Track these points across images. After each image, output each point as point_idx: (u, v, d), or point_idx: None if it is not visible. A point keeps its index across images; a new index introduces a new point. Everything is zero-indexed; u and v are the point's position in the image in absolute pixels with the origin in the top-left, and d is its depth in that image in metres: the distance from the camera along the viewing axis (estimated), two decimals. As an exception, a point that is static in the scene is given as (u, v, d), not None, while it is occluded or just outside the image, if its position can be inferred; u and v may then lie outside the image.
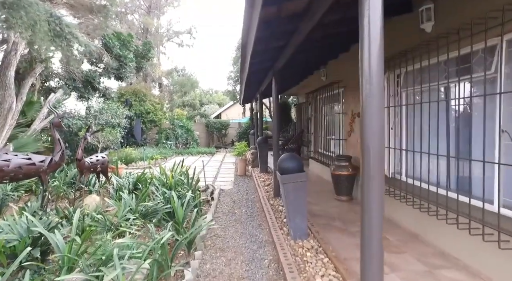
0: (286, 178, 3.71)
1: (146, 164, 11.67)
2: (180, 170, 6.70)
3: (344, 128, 6.79)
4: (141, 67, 12.38)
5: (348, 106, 6.49)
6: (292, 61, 6.45)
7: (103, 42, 10.25)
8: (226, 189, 7.53)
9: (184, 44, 27.19)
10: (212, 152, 15.83)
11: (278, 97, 5.88)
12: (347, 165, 5.86)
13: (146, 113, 15.67)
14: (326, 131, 8.29)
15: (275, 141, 6.10)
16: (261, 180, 7.81)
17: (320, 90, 8.33)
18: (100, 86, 10.52)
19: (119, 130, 8.42)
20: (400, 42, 4.39)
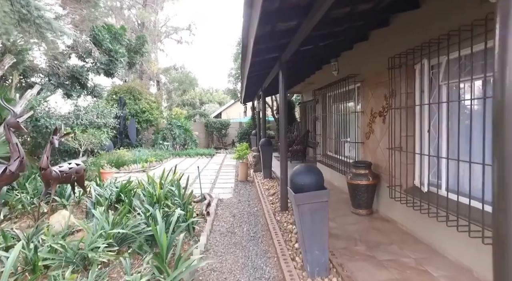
0: (301, 197, 2.82)
1: (140, 168, 10.79)
2: (172, 177, 5.82)
3: (361, 130, 5.90)
4: (134, 63, 11.51)
5: (366, 104, 5.59)
6: (300, 53, 5.58)
7: (91, 35, 9.37)
8: (225, 198, 6.64)
9: (183, 41, 26.32)
10: (211, 153, 14.95)
11: (286, 93, 5.00)
12: (367, 173, 4.97)
13: (142, 112, 14.78)
14: (337, 133, 7.39)
15: (283, 145, 5.21)
16: (265, 188, 6.92)
17: (331, 86, 7.43)
18: (88, 83, 9.64)
19: (106, 130, 7.54)
20: (444, 18, 3.47)
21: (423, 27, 3.88)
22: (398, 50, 4.23)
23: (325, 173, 8.52)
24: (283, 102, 5.02)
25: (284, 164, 5.12)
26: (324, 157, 8.54)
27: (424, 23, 3.87)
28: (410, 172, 4.24)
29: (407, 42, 4.11)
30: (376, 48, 5.16)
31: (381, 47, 4.93)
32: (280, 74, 5.01)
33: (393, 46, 4.47)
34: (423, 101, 4.04)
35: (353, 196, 5.13)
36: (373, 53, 5.27)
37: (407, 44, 4.09)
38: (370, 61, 5.41)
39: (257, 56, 4.86)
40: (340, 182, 6.92)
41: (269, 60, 5.61)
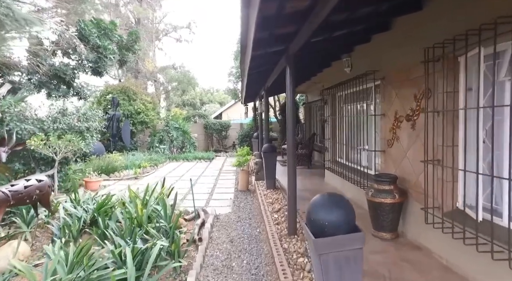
0: (324, 244, 1.95)
1: (132, 174, 9.96)
2: (160, 192, 4.96)
3: (381, 136, 5.03)
4: (126, 61, 10.67)
5: (389, 106, 4.72)
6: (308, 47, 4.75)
7: (77, 30, 8.54)
8: (223, 213, 5.79)
9: (182, 40, 25.48)
10: (210, 157, 14.09)
11: (294, 91, 4.14)
12: (392, 189, 4.10)
13: (136, 114, 13.96)
14: (350, 138, 6.53)
15: (290, 152, 4.33)
16: (268, 202, 6.06)
17: (342, 85, 6.57)
18: (75, 82, 8.82)
19: (90, 135, 6.69)
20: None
21: (472, 8, 3.01)
22: (434, 39, 3.36)
23: (335, 182, 7.68)
24: (291, 101, 4.16)
25: (292, 176, 4.26)
26: (334, 164, 7.68)
27: (473, 4, 3.01)
28: (451, 191, 3.38)
29: (447, 29, 3.24)
30: (402, 39, 4.29)
31: (410, 37, 4.06)
32: (287, 69, 4.15)
33: (427, 35, 3.61)
34: (471, 103, 3.17)
35: (375, 216, 4.26)
36: (399, 44, 4.40)
37: (447, 31, 3.22)
38: (394, 54, 4.55)
39: (259, 48, 4.01)
40: (354, 194, 6.07)
41: (273, 54, 4.76)
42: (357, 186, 5.60)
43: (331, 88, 7.52)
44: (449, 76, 3.32)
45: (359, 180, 5.59)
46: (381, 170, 5.00)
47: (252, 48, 3.75)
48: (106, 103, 13.59)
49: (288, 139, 4.24)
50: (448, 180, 3.41)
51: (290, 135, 4.22)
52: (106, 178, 9.38)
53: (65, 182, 6.87)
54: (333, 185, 7.57)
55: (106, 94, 13.81)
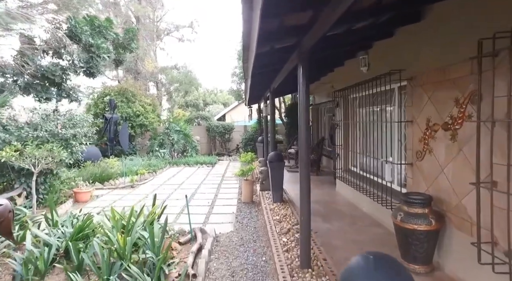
0: None
1: (128, 182, 9.30)
2: (151, 212, 4.27)
3: (408, 146, 4.29)
4: (121, 60, 10.02)
5: (418, 111, 3.99)
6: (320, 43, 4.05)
7: (68, 27, 7.90)
8: (224, 233, 5.09)
9: (185, 39, 24.85)
10: (212, 162, 13.40)
11: (308, 92, 3.43)
12: (427, 213, 3.37)
13: (135, 116, 13.32)
14: (365, 145, 5.81)
15: (304, 167, 3.60)
16: (275, 219, 5.35)
17: (357, 86, 5.85)
18: (66, 84, 8.17)
19: (78, 143, 6.04)
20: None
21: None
22: (489, 28, 2.63)
23: (348, 193, 6.88)
24: (304, 105, 3.45)
25: (305, 198, 3.54)
26: (346, 173, 6.96)
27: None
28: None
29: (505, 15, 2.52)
30: (439, 30, 3.56)
31: (452, 27, 3.33)
32: (299, 68, 3.45)
33: (480, 23, 2.88)
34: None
35: (405, 245, 3.53)
36: (433, 38, 3.67)
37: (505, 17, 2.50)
38: (426, 50, 3.82)
39: (265, 43, 3.32)
40: (371, 209, 5.35)
41: (282, 51, 4.06)
42: (376, 200, 4.88)
43: (344, 90, 6.81)
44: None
45: (378, 194, 4.86)
46: (409, 186, 4.27)
47: (257, 43, 3.05)
48: (103, 105, 12.97)
49: (301, 151, 3.53)
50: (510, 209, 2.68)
51: (303, 145, 3.50)
52: (99, 187, 8.73)
53: (52, 193, 6.22)
54: (345, 196, 6.85)
55: (104, 96, 13.19)
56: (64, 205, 6.50)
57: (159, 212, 4.36)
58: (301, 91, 3.45)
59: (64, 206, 6.47)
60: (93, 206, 6.87)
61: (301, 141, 3.48)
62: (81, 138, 6.11)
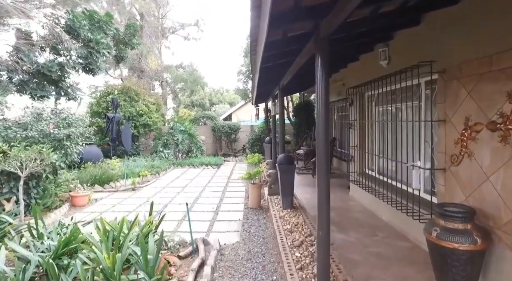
0: None
1: (129, 184, 8.87)
2: (147, 222, 3.79)
3: (440, 148, 3.74)
4: (122, 57, 9.60)
5: (453, 109, 3.44)
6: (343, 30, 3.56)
7: (65, 22, 7.50)
8: (229, 244, 4.60)
9: (190, 38, 24.47)
10: (218, 163, 12.93)
11: (327, 87, 2.90)
12: (469, 229, 2.83)
13: (139, 116, 12.92)
14: (385, 147, 5.26)
15: (323, 165, 3.04)
16: (286, 228, 4.83)
17: (374, 82, 5.30)
18: (64, 82, 7.77)
19: (73, 144, 5.61)
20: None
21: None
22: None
23: (363, 198, 6.26)
24: (323, 100, 2.90)
25: (323, 203, 3.00)
26: (362, 176, 6.41)
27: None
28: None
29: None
30: (483, 13, 3.02)
31: (503, 5, 2.79)
32: (317, 58, 2.93)
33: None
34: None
35: (442, 266, 2.99)
36: (474, 22, 3.13)
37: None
38: (466, 37, 3.27)
39: (276, 30, 2.83)
40: (393, 219, 4.82)
41: (296, 40, 3.56)
42: (399, 209, 4.34)
43: (359, 87, 6.25)
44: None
45: (402, 202, 4.31)
46: (440, 195, 3.72)
47: (268, 28, 2.54)
48: (106, 104, 12.60)
49: (319, 154, 3.00)
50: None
51: (322, 148, 2.97)
52: (99, 190, 8.32)
53: (45, 198, 5.80)
54: (361, 201, 6.32)
55: (106, 95, 12.82)
56: (59, 210, 6.08)
57: (157, 222, 3.88)
58: (319, 86, 2.93)
59: (59, 211, 6.05)
60: (90, 211, 6.45)
61: (320, 143, 2.96)
62: (77, 138, 5.68)
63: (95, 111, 12.64)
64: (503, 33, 2.75)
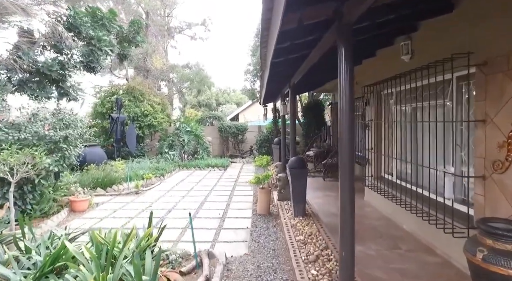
0: None
1: (133, 187, 8.53)
2: (146, 234, 3.39)
3: (478, 153, 3.27)
4: (126, 55, 9.28)
5: (496, 107, 2.97)
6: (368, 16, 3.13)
7: (66, 19, 7.18)
8: (236, 256, 4.20)
9: (197, 37, 24.18)
10: (224, 165, 12.55)
11: (352, 79, 2.46)
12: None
13: (143, 116, 12.61)
14: (406, 150, 4.80)
15: (346, 174, 2.62)
16: (299, 240, 4.40)
17: (394, 79, 4.84)
18: (66, 81, 7.46)
19: (72, 146, 5.27)
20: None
21: None
22: None
23: (380, 205, 5.65)
24: (347, 96, 2.48)
25: (347, 218, 2.58)
26: (379, 181, 5.95)
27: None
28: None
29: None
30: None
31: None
32: (340, 48, 2.50)
33: None
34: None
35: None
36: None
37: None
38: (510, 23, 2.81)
39: (291, 16, 2.41)
40: (417, 229, 4.37)
41: (311, 29, 3.14)
42: (425, 219, 3.87)
43: (376, 85, 5.79)
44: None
45: (425, 209, 3.85)
46: (478, 206, 3.25)
47: (283, 14, 2.13)
48: (110, 104, 12.32)
49: (342, 159, 2.57)
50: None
51: (345, 153, 2.54)
52: (101, 193, 7.99)
53: (42, 203, 5.47)
54: (377, 208, 5.87)
55: (111, 95, 12.54)
56: (57, 216, 5.74)
57: (156, 235, 3.48)
58: (343, 80, 2.50)
59: (56, 217, 5.71)
60: (90, 217, 6.10)
61: (343, 147, 2.53)
62: (75, 140, 5.33)
63: (99, 112, 12.37)
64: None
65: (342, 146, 2.56)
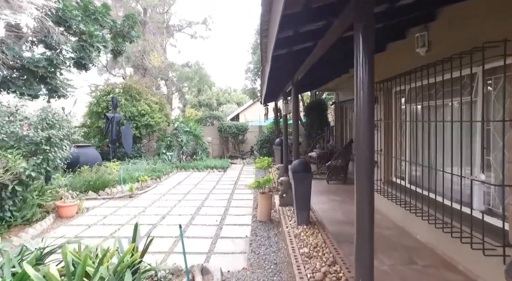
0: None
1: (127, 190, 8.10)
2: (129, 251, 2.96)
3: (509, 157, 2.83)
4: (120, 51, 8.84)
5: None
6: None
7: (55, 11, 6.76)
8: (234, 272, 3.76)
9: (197, 36, 23.76)
10: (224, 166, 12.12)
11: (371, 67, 2.03)
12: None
13: (140, 116, 12.19)
14: (418, 152, 4.36)
15: (365, 184, 2.18)
16: (304, 253, 3.96)
17: (407, 75, 4.41)
18: (55, 78, 7.04)
19: (56, 148, 4.84)
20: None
21: None
22: None
23: (390, 212, 5.00)
24: (367, 87, 2.04)
25: (365, 241, 2.15)
26: (389, 185, 5.50)
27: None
28: None
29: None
30: None
31: None
32: (357, 31, 2.06)
33: None
34: None
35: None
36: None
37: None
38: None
39: None
40: (436, 241, 3.94)
41: (318, 13, 2.71)
42: (447, 231, 3.44)
43: (386, 82, 5.35)
44: None
45: (451, 222, 3.41)
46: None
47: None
48: (105, 104, 11.90)
49: (359, 164, 2.14)
50: None
51: (364, 156, 2.12)
52: (93, 197, 7.56)
53: (24, 210, 5.05)
54: (387, 214, 5.44)
55: (106, 94, 12.12)
56: (40, 223, 5.31)
57: (143, 249, 3.04)
58: (360, 69, 2.07)
59: (39, 225, 5.27)
60: (77, 224, 5.68)
61: (361, 149, 2.10)
62: (60, 141, 4.90)
63: (95, 111, 11.95)
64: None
65: (359, 148, 2.12)
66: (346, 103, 11.11)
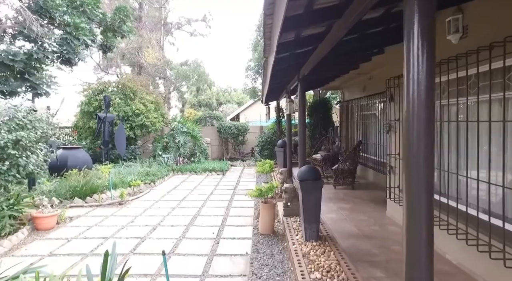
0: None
1: (117, 196, 7.46)
2: None
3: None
4: (110, 46, 8.21)
5: None
6: None
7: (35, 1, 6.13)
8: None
9: (197, 34, 23.15)
10: (223, 169, 11.47)
11: (432, 51, 1.40)
12: None
13: (135, 116, 11.54)
14: (445, 156, 3.72)
15: (422, 194, 2.00)
16: (315, 278, 3.31)
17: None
18: (36, 74, 6.40)
19: (28, 153, 4.21)
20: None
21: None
22: None
23: None
24: (425, 65, 1.41)
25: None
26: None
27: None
28: None
29: None
30: None
31: None
32: None
33: None
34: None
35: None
36: None
37: None
38: None
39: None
40: (469, 262, 3.31)
41: None
42: (483, 250, 2.80)
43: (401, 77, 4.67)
44: None
45: (489, 241, 2.78)
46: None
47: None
48: (98, 103, 11.26)
49: (416, 172, 1.68)
50: None
51: (417, 164, 1.69)
52: (79, 204, 6.91)
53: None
54: (400, 221, 4.74)
55: (99, 93, 11.48)
56: (10, 238, 4.64)
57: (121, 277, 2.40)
58: (413, 54, 1.44)
59: (9, 240, 4.59)
60: (56, 237, 5.03)
61: (413, 153, 1.47)
62: (33, 144, 4.27)
63: (86, 111, 11.31)
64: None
65: (410, 152, 1.49)
66: (351, 103, 10.49)
